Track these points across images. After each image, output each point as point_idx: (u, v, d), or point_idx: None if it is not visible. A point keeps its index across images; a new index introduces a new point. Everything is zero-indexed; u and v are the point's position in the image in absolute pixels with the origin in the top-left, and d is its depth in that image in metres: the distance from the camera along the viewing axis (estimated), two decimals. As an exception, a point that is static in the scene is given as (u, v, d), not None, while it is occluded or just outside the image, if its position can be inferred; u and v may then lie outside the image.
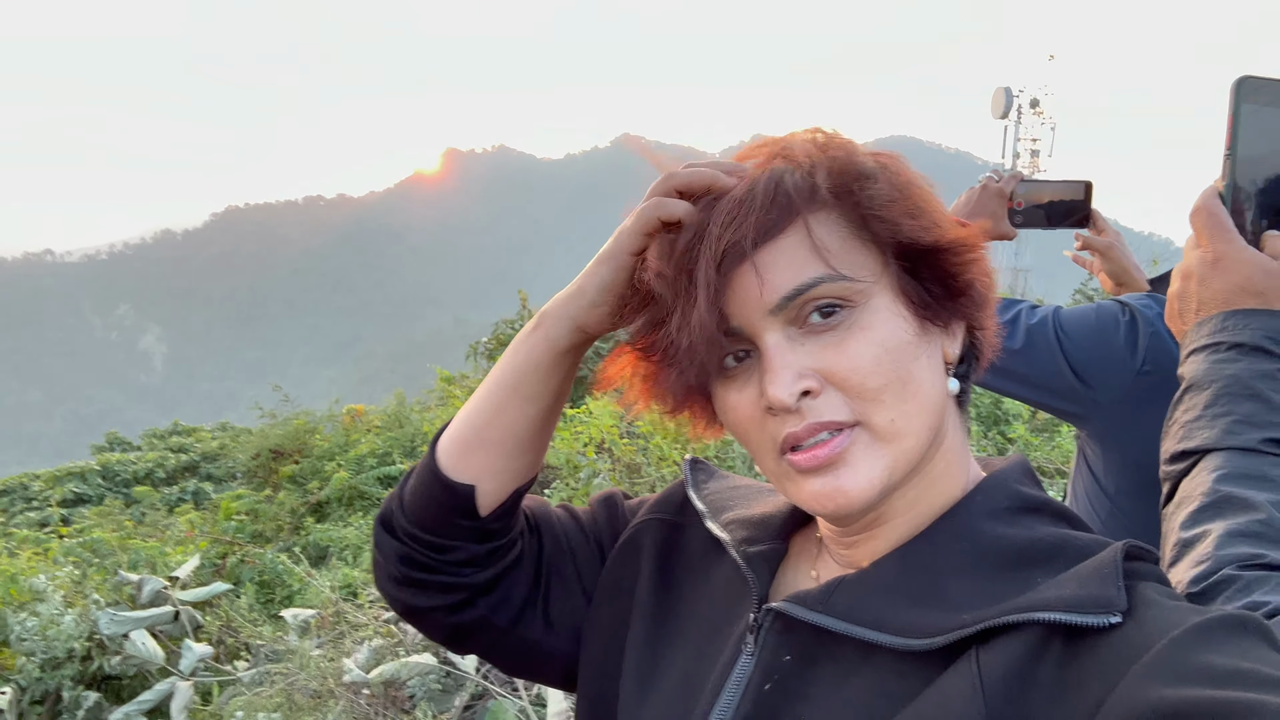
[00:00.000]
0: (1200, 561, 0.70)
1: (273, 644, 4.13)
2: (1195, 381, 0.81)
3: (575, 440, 5.26)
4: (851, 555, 0.75)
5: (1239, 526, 0.70)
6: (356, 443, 7.79)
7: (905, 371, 0.66)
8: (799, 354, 0.66)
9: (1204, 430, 0.78)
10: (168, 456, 17.74)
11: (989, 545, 0.68)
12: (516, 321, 9.55)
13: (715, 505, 0.86)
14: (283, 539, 6.86)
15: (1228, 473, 0.74)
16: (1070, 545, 0.66)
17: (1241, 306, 0.81)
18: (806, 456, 0.65)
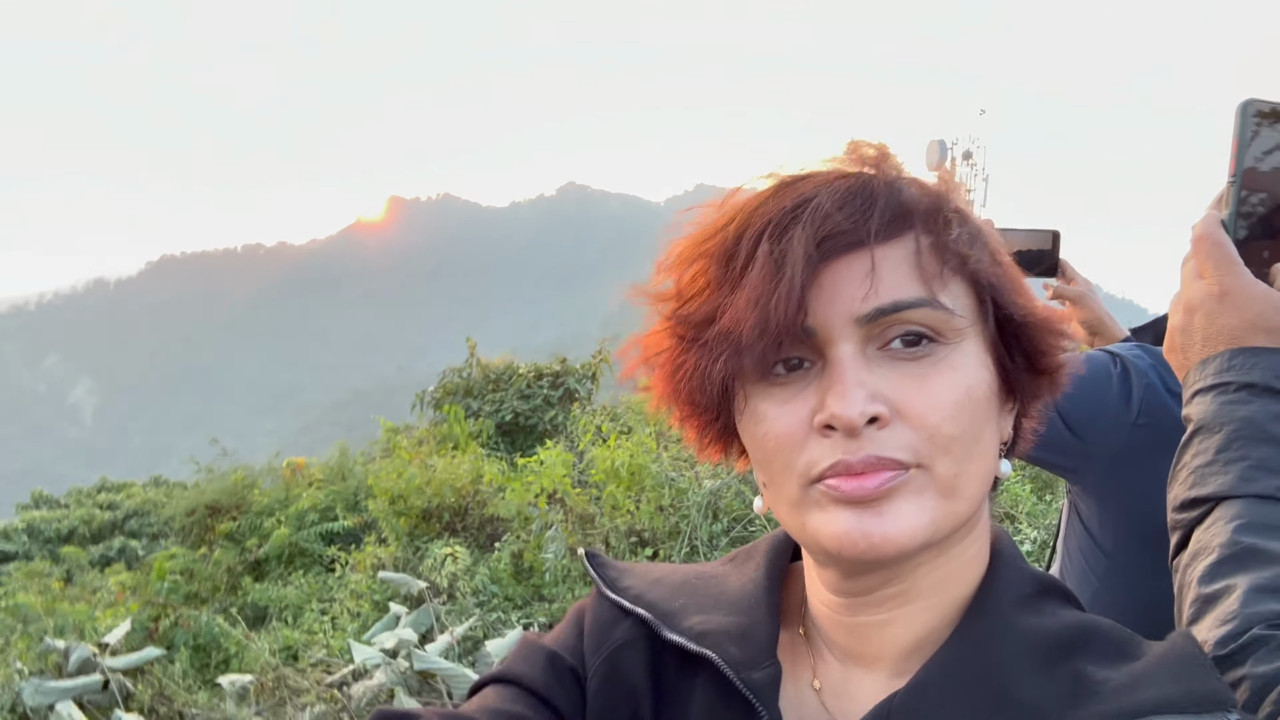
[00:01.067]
0: (1226, 620, 0.66)
1: (209, 713, 3.95)
2: (1204, 424, 0.76)
3: (526, 491, 5.17)
4: (860, 646, 0.65)
5: (1264, 581, 0.66)
6: (297, 497, 7.58)
7: (979, 429, 0.59)
8: (875, 376, 0.58)
9: (1218, 476, 0.73)
10: (95, 513, 17.07)
11: (1031, 638, 0.61)
12: (464, 370, 9.44)
13: (663, 611, 0.70)
14: (219, 599, 6.60)
15: (1247, 522, 0.70)
16: (1096, 630, 0.61)
17: (1250, 344, 0.76)
18: (853, 484, 0.56)
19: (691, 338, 0.62)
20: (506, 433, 8.51)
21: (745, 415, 0.62)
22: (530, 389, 8.75)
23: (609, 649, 0.69)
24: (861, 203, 0.58)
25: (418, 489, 5.56)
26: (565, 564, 4.71)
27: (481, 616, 4.47)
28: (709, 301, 0.61)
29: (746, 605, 0.69)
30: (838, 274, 0.58)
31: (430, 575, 4.78)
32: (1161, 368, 1.18)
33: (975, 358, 0.60)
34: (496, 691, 0.67)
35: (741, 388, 0.62)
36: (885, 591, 0.62)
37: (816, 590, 0.68)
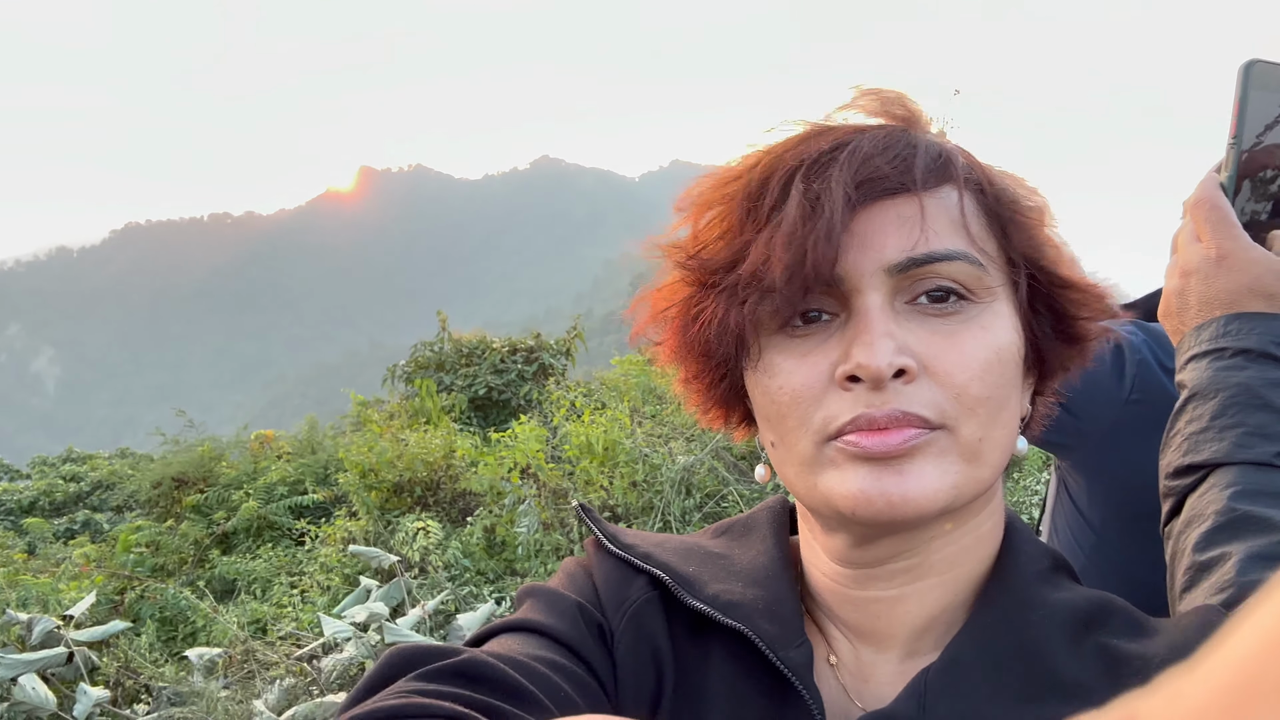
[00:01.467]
0: (1222, 589, 0.65)
1: (176, 686, 3.92)
2: (1199, 390, 0.75)
3: (500, 466, 5.15)
4: (870, 623, 0.62)
5: (1260, 549, 0.65)
6: (266, 470, 7.50)
7: (1005, 393, 0.57)
8: (902, 329, 0.55)
9: (1212, 443, 0.72)
10: (58, 485, 16.82)
11: (1060, 612, 0.58)
12: (435, 344, 9.36)
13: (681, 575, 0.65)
14: (186, 572, 6.54)
15: (1242, 489, 0.69)
16: (1113, 605, 0.60)
17: (1248, 309, 0.75)
18: (876, 439, 0.53)
19: (711, 284, 0.59)
20: (480, 407, 8.47)
21: (759, 370, 0.59)
22: (504, 364, 8.70)
23: (631, 608, 0.65)
24: (902, 149, 0.56)
25: (389, 463, 5.53)
26: (538, 538, 4.71)
27: (454, 590, 4.45)
28: (732, 244, 0.58)
29: (765, 578, 0.65)
30: (871, 220, 0.55)
31: (402, 549, 4.76)
32: (1155, 344, 1.17)
33: (1006, 319, 0.58)
34: (520, 639, 0.61)
35: (756, 339, 0.59)
36: (896, 564, 0.59)
37: (819, 562, 0.64)
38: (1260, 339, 0.73)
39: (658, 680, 0.63)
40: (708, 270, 0.59)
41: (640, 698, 0.62)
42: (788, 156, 0.58)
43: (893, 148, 0.56)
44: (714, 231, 0.60)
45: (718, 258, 0.58)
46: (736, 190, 0.59)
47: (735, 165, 0.61)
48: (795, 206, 0.54)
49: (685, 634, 0.64)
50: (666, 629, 0.64)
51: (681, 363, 0.65)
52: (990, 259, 0.58)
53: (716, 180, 0.61)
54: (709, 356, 0.61)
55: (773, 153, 0.59)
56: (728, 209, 0.59)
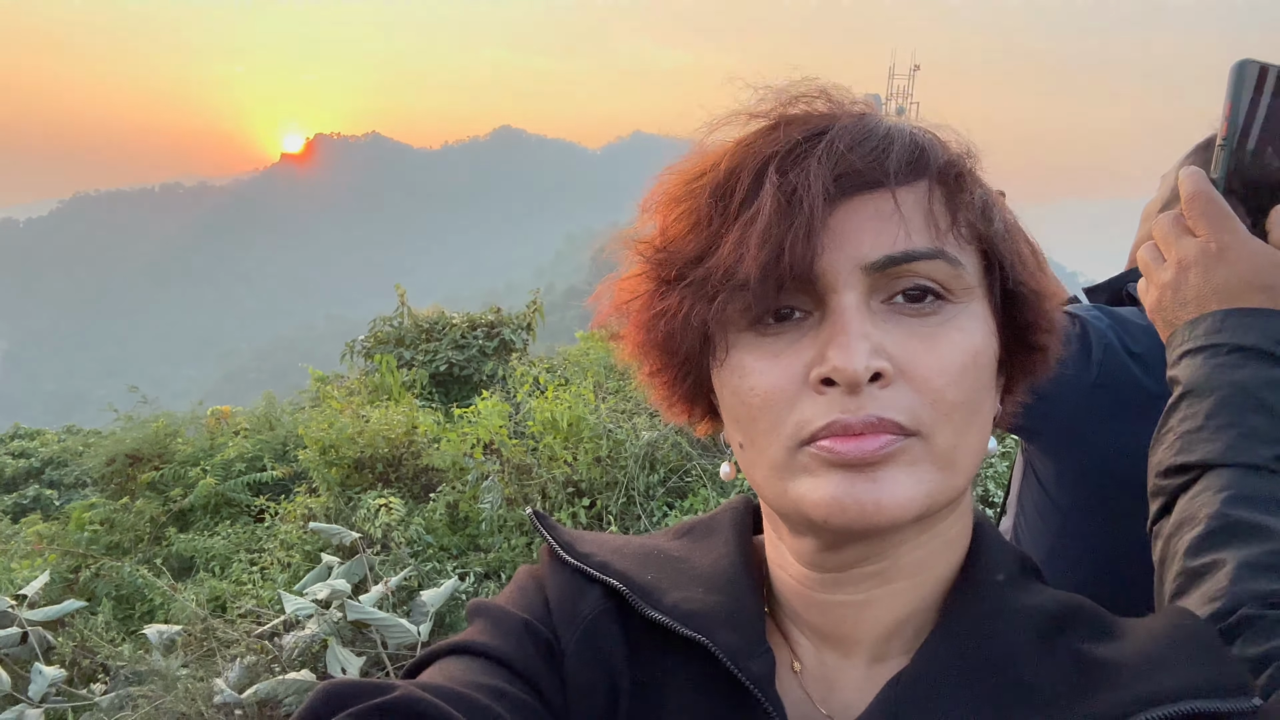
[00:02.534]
0: (1215, 598, 0.63)
1: (134, 665, 3.87)
2: (1194, 387, 0.73)
3: (462, 442, 5.13)
4: (835, 627, 0.61)
5: (1255, 557, 0.63)
6: (223, 446, 7.38)
7: (980, 398, 0.56)
8: (879, 330, 0.53)
9: (1207, 443, 0.70)
10: (7, 462, 16.44)
11: (1029, 617, 0.58)
12: (395, 318, 9.25)
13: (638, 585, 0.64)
14: (142, 550, 6.44)
15: (1236, 494, 0.66)
16: (1081, 608, 0.59)
17: (1247, 304, 0.73)
18: (852, 444, 0.51)
19: (676, 278, 0.57)
20: (441, 383, 8.41)
21: (726, 368, 0.57)
22: (465, 339, 8.64)
23: (584, 622, 0.63)
24: (878, 143, 0.54)
25: (350, 439, 5.48)
26: (502, 514, 4.71)
27: (416, 567, 4.45)
28: (699, 238, 0.56)
29: (726, 583, 0.64)
30: (848, 216, 0.54)
31: (363, 526, 4.73)
32: (1120, 329, 1.18)
33: (982, 322, 0.56)
34: (463, 663, 0.59)
35: (723, 337, 0.57)
36: (864, 569, 0.58)
37: (786, 564, 0.62)
38: (1259, 336, 0.71)
39: (612, 697, 0.61)
40: (673, 264, 0.57)
41: (593, 716, 0.61)
42: (757, 148, 0.55)
43: (869, 139, 0.55)
44: (681, 225, 0.57)
45: (684, 251, 0.56)
46: (705, 184, 0.56)
47: (702, 158, 0.58)
48: (770, 201, 0.52)
49: (643, 645, 0.63)
50: (624, 641, 0.63)
51: (644, 357, 0.63)
52: (967, 256, 0.56)
53: (683, 175, 0.59)
54: (673, 353, 0.59)
55: (741, 143, 0.57)
56: (695, 203, 0.57)
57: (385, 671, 3.82)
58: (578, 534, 0.71)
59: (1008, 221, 0.59)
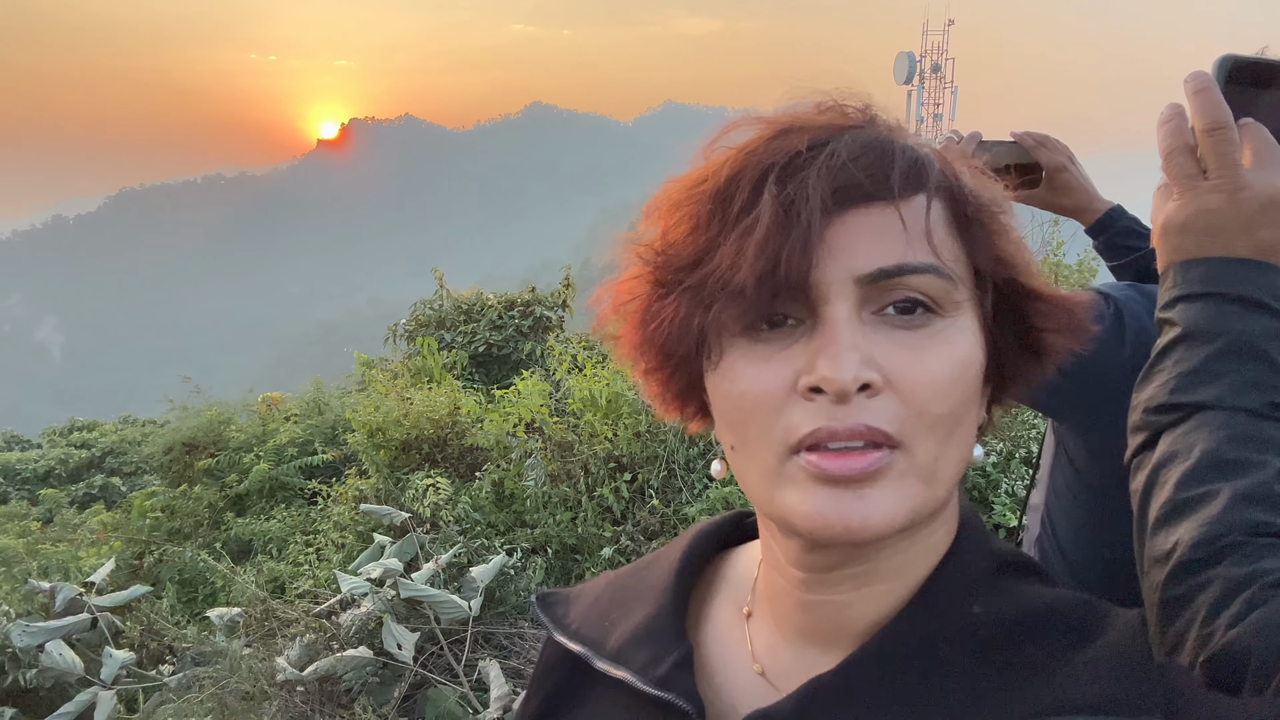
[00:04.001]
0: (1206, 523, 0.65)
1: (199, 646, 4.01)
2: (1193, 331, 0.74)
3: (505, 421, 5.21)
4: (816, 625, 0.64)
5: (1249, 489, 0.65)
6: (275, 432, 7.57)
7: (964, 411, 0.57)
8: (869, 341, 0.54)
9: (1205, 386, 0.72)
10: (71, 453, 17.01)
11: (981, 619, 0.59)
12: (434, 301, 9.37)
13: (593, 638, 0.71)
14: (202, 535, 6.65)
15: (1232, 434, 0.69)
16: (1054, 612, 0.60)
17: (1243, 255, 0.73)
18: (839, 463, 0.53)
19: (674, 281, 0.59)
20: (481, 364, 8.51)
21: (719, 371, 0.58)
22: (502, 319, 8.72)
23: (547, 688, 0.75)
24: (878, 156, 0.55)
25: (396, 422, 5.58)
26: (546, 490, 4.78)
27: (465, 544, 4.54)
28: (698, 243, 0.57)
29: (657, 592, 0.71)
30: (844, 228, 0.54)
31: (412, 505, 4.83)
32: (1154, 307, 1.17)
33: (970, 334, 0.58)
34: None
35: (718, 341, 0.58)
36: (846, 571, 0.60)
37: (776, 563, 0.65)
38: (1260, 290, 0.73)
39: None
40: (671, 268, 0.59)
41: None
42: (757, 156, 0.56)
43: (869, 153, 0.56)
44: (681, 230, 0.59)
45: (682, 255, 0.58)
46: (706, 190, 0.58)
47: (705, 164, 0.60)
48: (769, 211, 0.53)
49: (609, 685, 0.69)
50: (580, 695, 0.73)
51: (640, 357, 0.64)
52: (959, 271, 0.57)
53: (685, 181, 0.60)
54: (668, 354, 0.61)
55: (743, 149, 0.58)
56: (695, 208, 0.58)
57: (439, 646, 3.93)
58: (584, 589, 0.79)
59: (1005, 231, 0.60)
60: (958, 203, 0.58)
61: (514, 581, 4.31)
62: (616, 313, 0.65)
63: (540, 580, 4.37)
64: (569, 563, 4.64)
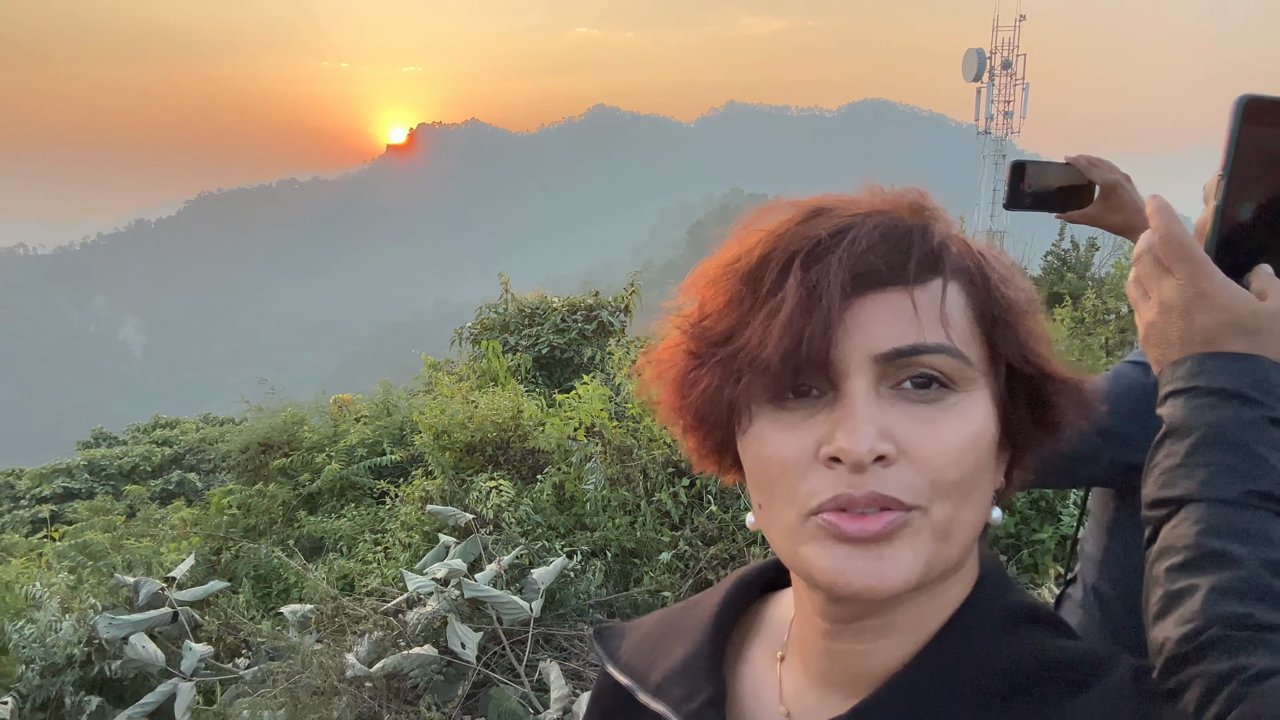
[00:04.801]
0: (1188, 620, 0.69)
1: (273, 641, 4.15)
2: (1175, 427, 0.79)
3: (566, 425, 5.28)
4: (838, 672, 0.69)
5: (1224, 583, 0.69)
6: (345, 433, 7.77)
7: (978, 477, 0.61)
8: (885, 414, 0.59)
9: (1185, 479, 0.76)
10: (154, 450, 17.67)
11: (986, 670, 0.63)
12: (499, 305, 9.52)
13: (639, 671, 0.78)
14: (276, 532, 6.87)
15: (1209, 526, 0.73)
16: (1061, 663, 0.63)
17: (1227, 348, 0.77)
18: (856, 525, 0.58)
19: (708, 354, 0.64)
20: (544, 367, 8.62)
21: (749, 436, 0.63)
22: (565, 323, 8.82)
23: (597, 716, 0.81)
24: (895, 244, 0.60)
25: (460, 424, 5.70)
26: (605, 494, 4.84)
27: (527, 545, 4.61)
28: (731, 318, 0.62)
29: (698, 632, 0.76)
30: (863, 310, 0.59)
31: (476, 507, 4.92)
32: None
33: (983, 408, 0.62)
34: None
35: (747, 408, 0.63)
36: (867, 622, 0.65)
37: (804, 612, 0.70)
38: (1235, 380, 0.76)
39: None
40: (706, 340, 0.64)
41: None
42: (786, 239, 0.62)
43: (888, 240, 0.60)
44: (715, 305, 0.64)
45: (716, 330, 0.63)
46: (739, 269, 0.63)
47: (740, 242, 0.65)
48: (793, 295, 0.58)
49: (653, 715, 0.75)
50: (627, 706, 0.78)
51: (677, 418, 0.70)
52: (973, 348, 0.62)
53: (721, 259, 0.66)
54: (702, 419, 0.67)
55: (774, 232, 0.63)
56: (729, 286, 0.63)
57: (501, 646, 4.00)
58: (638, 624, 0.85)
59: (1019, 307, 0.65)
60: (975, 285, 0.63)
61: (574, 584, 4.37)
62: (658, 378, 0.70)
63: (599, 584, 4.42)
64: (628, 566, 4.68)
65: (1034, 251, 11.47)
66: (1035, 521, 4.87)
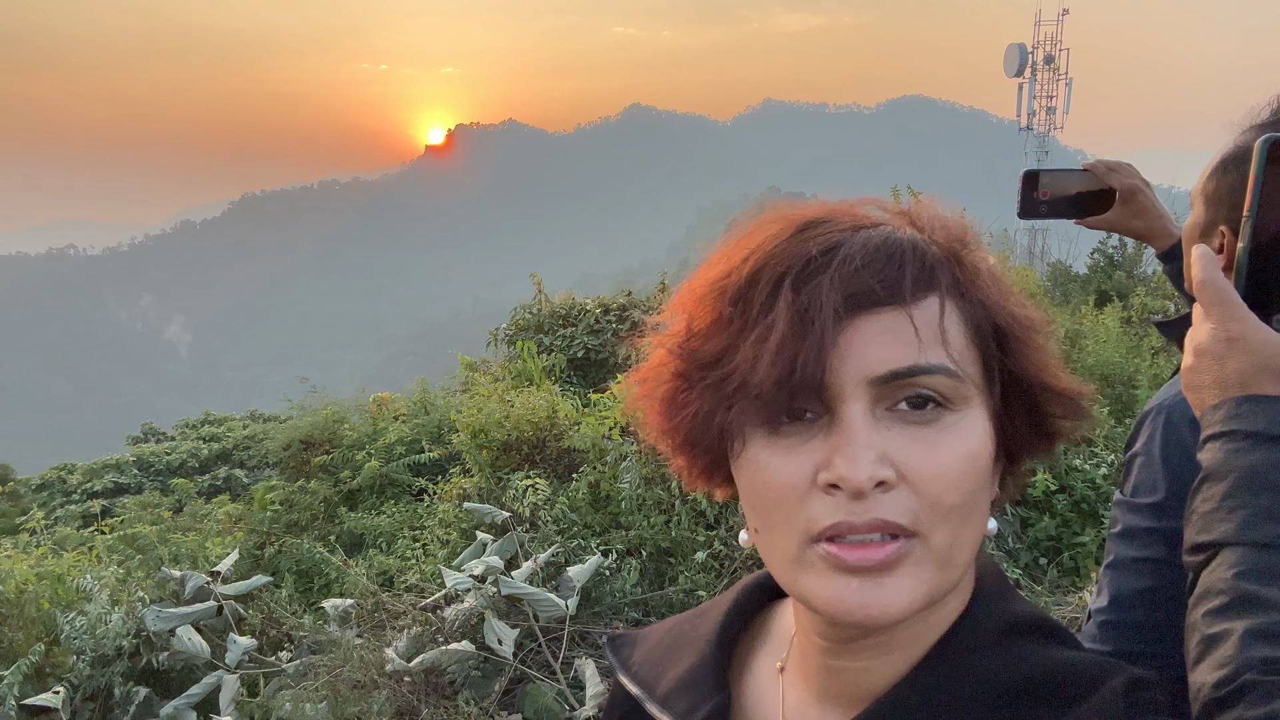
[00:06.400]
0: (1223, 665, 0.70)
1: (315, 635, 4.23)
2: (1212, 471, 0.79)
3: (601, 425, 5.31)
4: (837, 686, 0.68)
5: (1259, 627, 0.70)
6: (385, 431, 7.87)
7: (977, 498, 0.60)
8: (883, 437, 0.57)
9: (1222, 523, 0.76)
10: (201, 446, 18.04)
11: (980, 685, 0.63)
12: (533, 305, 9.60)
13: (648, 681, 0.78)
14: (318, 528, 6.97)
15: (1246, 569, 0.73)
16: (1064, 672, 0.62)
17: (1261, 390, 0.78)
18: (858, 555, 0.57)
19: (697, 376, 0.62)
20: (578, 367, 8.67)
21: (743, 459, 0.62)
22: (599, 324, 8.86)
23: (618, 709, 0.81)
24: (887, 260, 0.58)
25: (497, 423, 5.75)
26: (640, 493, 4.85)
27: (563, 544, 4.65)
28: (719, 341, 0.60)
29: (704, 642, 0.77)
30: (857, 332, 0.57)
31: (513, 505, 4.97)
32: None
33: (981, 426, 0.60)
34: None
35: (740, 432, 0.61)
36: (866, 642, 0.65)
37: (804, 629, 0.70)
38: (1269, 422, 0.76)
39: None
40: (695, 362, 0.62)
41: None
42: (775, 256, 0.59)
43: (880, 257, 0.58)
44: (703, 324, 0.62)
45: (705, 351, 0.61)
46: (727, 286, 0.61)
47: (726, 261, 0.63)
48: (784, 319, 0.57)
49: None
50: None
51: (665, 439, 0.68)
52: (967, 365, 0.60)
53: (708, 276, 0.63)
54: (692, 442, 0.65)
55: (762, 249, 0.61)
56: (717, 304, 0.61)
57: (537, 643, 4.04)
58: (650, 631, 0.85)
59: (1015, 318, 0.63)
60: (970, 301, 0.61)
61: (609, 583, 4.40)
62: (645, 398, 0.68)
63: (634, 582, 4.44)
64: (663, 565, 4.70)
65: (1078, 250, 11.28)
66: (1077, 524, 4.81)
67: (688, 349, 0.63)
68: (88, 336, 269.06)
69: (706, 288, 0.63)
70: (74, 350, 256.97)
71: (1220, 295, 0.81)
